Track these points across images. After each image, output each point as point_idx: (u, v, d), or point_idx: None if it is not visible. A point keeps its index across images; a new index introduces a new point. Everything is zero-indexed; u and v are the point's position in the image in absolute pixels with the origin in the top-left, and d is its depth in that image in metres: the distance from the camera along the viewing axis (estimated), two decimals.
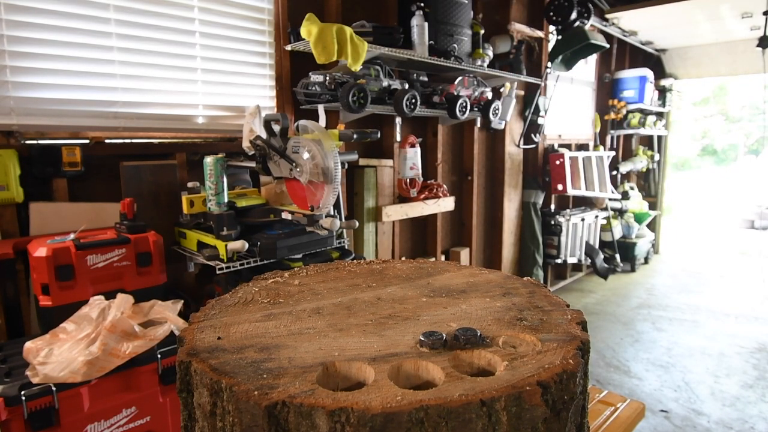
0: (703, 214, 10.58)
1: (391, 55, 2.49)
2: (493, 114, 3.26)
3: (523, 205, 4.38)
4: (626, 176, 6.25)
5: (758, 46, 4.43)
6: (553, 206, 4.72)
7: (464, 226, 3.80)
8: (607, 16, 4.72)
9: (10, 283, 1.78)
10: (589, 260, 5.07)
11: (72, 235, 1.68)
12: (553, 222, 4.55)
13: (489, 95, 3.26)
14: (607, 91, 5.61)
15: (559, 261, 4.64)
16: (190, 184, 2.07)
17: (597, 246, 5.26)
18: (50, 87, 1.85)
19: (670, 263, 6.31)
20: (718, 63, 6.09)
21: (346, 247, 2.24)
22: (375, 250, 3.00)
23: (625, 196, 5.87)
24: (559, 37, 4.01)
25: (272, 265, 1.93)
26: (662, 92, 6.28)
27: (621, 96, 5.62)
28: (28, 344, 1.39)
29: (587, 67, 5.38)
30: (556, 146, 4.71)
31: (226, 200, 1.96)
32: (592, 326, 3.99)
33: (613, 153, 5.66)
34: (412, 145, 3.04)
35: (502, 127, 3.85)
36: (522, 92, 4.18)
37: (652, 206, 6.48)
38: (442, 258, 3.60)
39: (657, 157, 6.56)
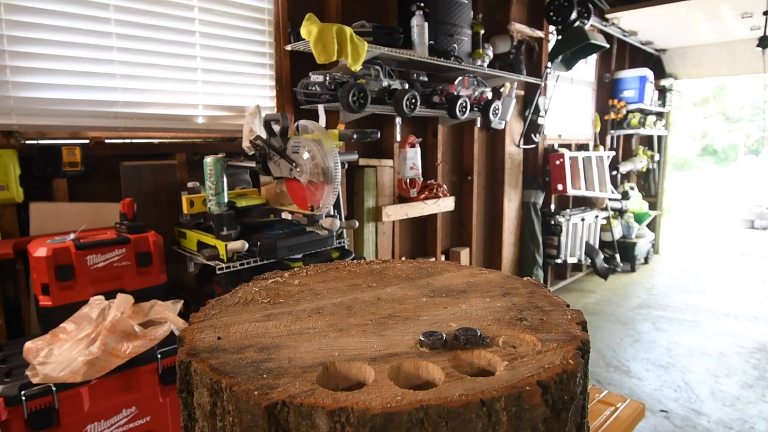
0: (703, 214, 10.58)
1: (391, 55, 2.49)
2: (493, 114, 3.26)
3: (523, 205, 4.38)
4: (626, 176, 6.25)
5: (758, 46, 4.43)
6: (553, 206, 4.72)
7: (464, 226, 3.80)
8: (607, 16, 4.72)
9: (10, 283, 1.78)
10: (589, 260, 5.07)
11: (72, 235, 1.68)
12: (553, 222, 4.55)
13: (489, 95, 3.26)
14: (607, 91, 5.61)
15: (559, 261, 4.64)
16: (190, 184, 2.07)
17: (597, 246, 5.26)
18: (50, 87, 1.85)
19: (670, 263, 6.31)
20: (718, 63, 6.09)
21: (346, 247, 2.24)
22: (375, 250, 3.00)
23: (625, 196, 5.87)
24: (559, 37, 4.00)
25: (272, 265, 1.93)
26: (662, 92, 6.28)
27: (621, 96, 5.62)
28: (28, 344, 1.39)
29: (587, 67, 5.38)
30: (556, 146, 4.71)
31: (226, 200, 1.96)
32: (592, 326, 4.00)
33: (613, 153, 5.66)
34: (412, 145, 3.04)
35: (502, 127, 3.85)
36: (522, 92, 4.18)
37: (652, 206, 6.48)
38: (442, 258, 3.60)
39: (657, 157, 6.56)
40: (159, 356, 1.48)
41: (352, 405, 0.56)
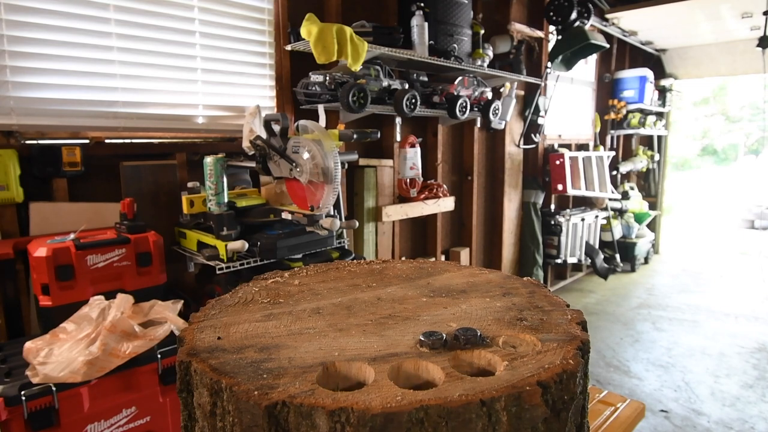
0: (703, 214, 10.58)
1: (391, 55, 2.49)
2: (493, 114, 3.26)
3: (523, 205, 4.38)
4: (626, 176, 6.25)
5: (758, 46, 4.43)
6: (553, 206, 4.72)
7: (464, 226, 3.80)
8: (607, 16, 4.71)
9: (10, 283, 1.78)
10: (589, 260, 5.07)
11: (72, 235, 1.68)
12: (553, 222, 4.54)
13: (489, 95, 3.26)
14: (607, 91, 5.61)
15: (559, 261, 4.64)
16: (190, 184, 2.07)
17: (597, 246, 5.26)
18: (50, 87, 1.85)
19: (670, 263, 6.31)
20: (718, 63, 6.09)
21: (346, 247, 2.24)
22: (375, 250, 2.99)
23: (625, 196, 5.87)
24: (559, 37, 4.00)
25: (272, 265, 1.93)
26: (662, 92, 6.27)
27: (621, 96, 5.61)
28: (28, 344, 1.39)
29: (587, 67, 5.38)
30: (556, 146, 4.71)
31: (226, 200, 1.96)
32: (592, 326, 3.99)
33: (613, 153, 5.66)
34: (412, 145, 3.04)
35: (502, 127, 3.85)
36: (522, 92, 4.18)
37: (652, 206, 6.48)
38: (442, 258, 3.60)
39: (657, 157, 6.56)
40: (159, 356, 1.48)
41: (352, 405, 0.56)
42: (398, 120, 2.97)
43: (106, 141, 2.00)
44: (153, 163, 2.11)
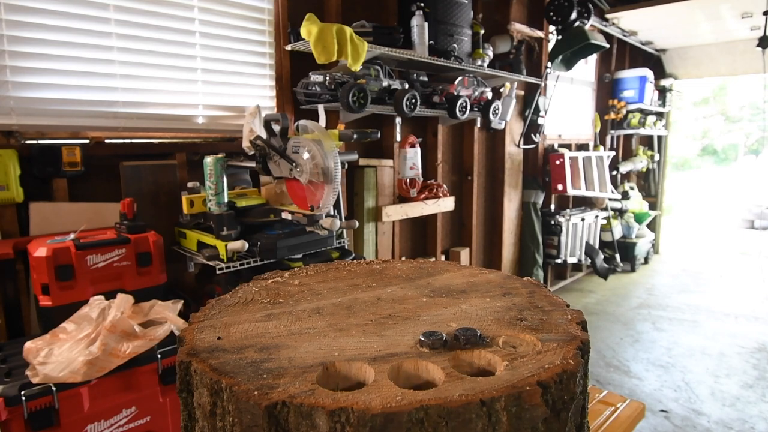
0: (703, 214, 10.58)
1: (391, 55, 2.49)
2: (493, 114, 3.26)
3: (523, 205, 4.38)
4: (626, 176, 6.25)
5: (758, 46, 4.43)
6: (553, 206, 4.72)
7: (464, 226, 3.80)
8: (607, 16, 4.72)
9: (10, 283, 1.78)
10: (589, 260, 5.07)
11: (72, 235, 1.68)
12: (553, 222, 4.54)
13: (489, 95, 3.26)
14: (607, 91, 5.61)
15: (559, 261, 4.64)
16: (190, 184, 2.07)
17: (597, 246, 5.26)
18: (50, 87, 1.85)
19: (670, 263, 6.30)
20: (718, 63, 6.09)
21: (346, 247, 2.24)
22: (375, 250, 2.99)
23: (625, 196, 5.87)
24: (559, 37, 4.01)
25: (272, 265, 1.93)
26: (662, 92, 6.28)
27: (621, 96, 5.62)
28: (28, 344, 1.39)
29: (587, 67, 5.38)
30: (556, 146, 4.71)
31: (226, 200, 1.96)
32: (592, 326, 3.99)
33: (613, 153, 5.66)
34: (412, 145, 3.04)
35: (502, 127, 3.85)
36: (522, 92, 4.18)
37: (652, 206, 6.48)
38: (442, 258, 3.60)
39: (657, 157, 6.56)
40: (159, 356, 1.48)
41: (352, 405, 0.56)
42: (398, 120, 2.96)
43: (106, 141, 2.00)
44: (153, 163, 2.11)
